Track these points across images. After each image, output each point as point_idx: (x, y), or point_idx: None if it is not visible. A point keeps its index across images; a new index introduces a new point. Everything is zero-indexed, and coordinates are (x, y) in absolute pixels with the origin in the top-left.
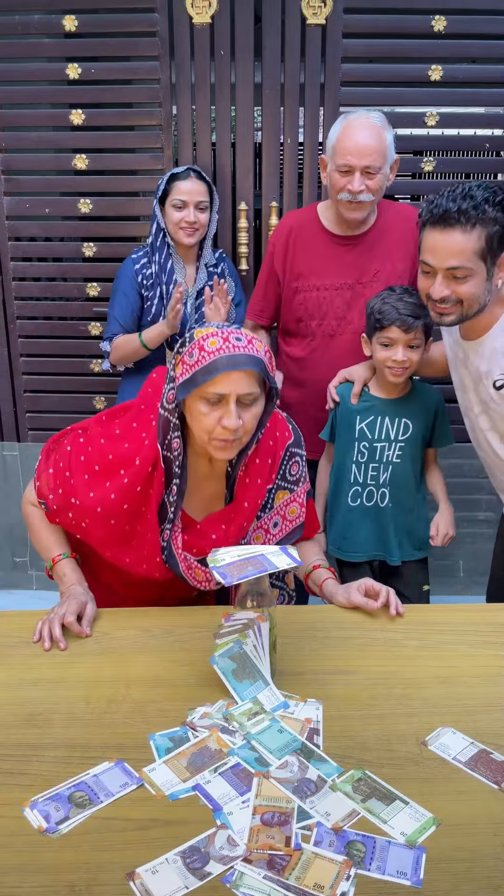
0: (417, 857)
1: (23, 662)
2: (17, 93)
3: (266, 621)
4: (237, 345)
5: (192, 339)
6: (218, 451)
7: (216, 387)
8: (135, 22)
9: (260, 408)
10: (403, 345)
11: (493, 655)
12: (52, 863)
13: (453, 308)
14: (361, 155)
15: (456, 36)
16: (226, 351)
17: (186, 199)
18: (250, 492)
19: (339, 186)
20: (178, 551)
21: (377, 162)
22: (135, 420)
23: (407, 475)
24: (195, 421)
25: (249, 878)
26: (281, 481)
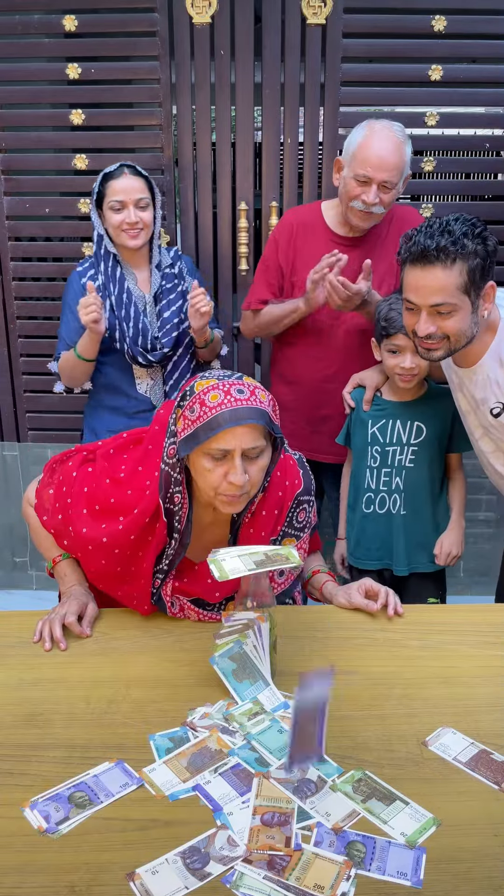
0: (417, 858)
1: (23, 662)
2: (17, 93)
3: (266, 621)
4: (239, 398)
5: (193, 393)
6: (225, 507)
7: (220, 443)
8: (135, 22)
9: (266, 459)
10: (411, 351)
11: (493, 655)
12: (52, 863)
13: (440, 343)
14: (382, 169)
15: (456, 36)
16: (228, 405)
17: (124, 198)
18: (256, 530)
19: (354, 195)
20: (167, 598)
21: (395, 178)
22: (140, 464)
23: (422, 481)
24: (200, 477)
25: (249, 878)
26: (287, 528)
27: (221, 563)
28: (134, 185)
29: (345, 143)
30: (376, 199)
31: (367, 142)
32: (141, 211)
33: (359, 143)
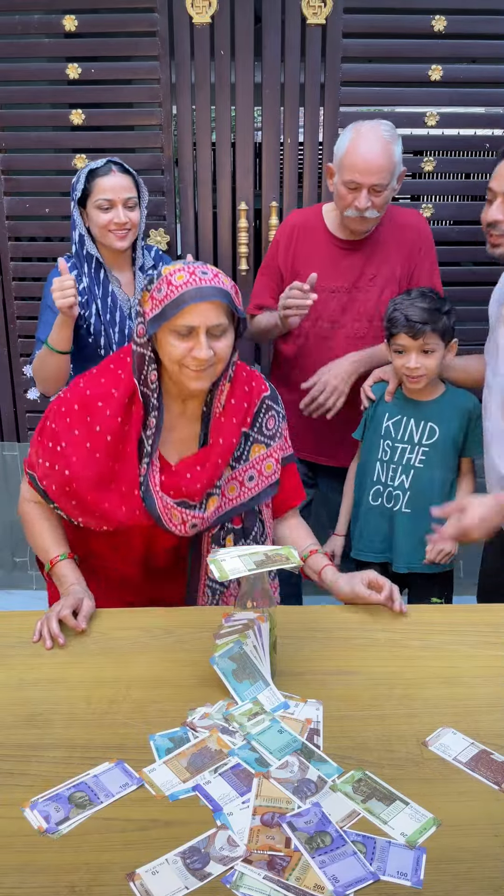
0: (418, 858)
1: (23, 662)
2: (17, 93)
3: (266, 621)
4: (203, 278)
5: (160, 276)
6: (192, 381)
7: (185, 319)
8: (135, 22)
9: (230, 339)
10: (416, 351)
11: (493, 655)
12: (52, 863)
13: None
14: (370, 173)
15: (456, 36)
16: (193, 284)
17: (112, 196)
18: (225, 430)
19: (346, 202)
20: (154, 489)
21: (385, 179)
22: (111, 362)
23: (430, 483)
24: (166, 354)
25: (249, 878)
26: (257, 434)
27: (221, 563)
28: (122, 184)
29: (334, 149)
30: (368, 203)
31: (353, 146)
32: (129, 211)
33: (346, 149)
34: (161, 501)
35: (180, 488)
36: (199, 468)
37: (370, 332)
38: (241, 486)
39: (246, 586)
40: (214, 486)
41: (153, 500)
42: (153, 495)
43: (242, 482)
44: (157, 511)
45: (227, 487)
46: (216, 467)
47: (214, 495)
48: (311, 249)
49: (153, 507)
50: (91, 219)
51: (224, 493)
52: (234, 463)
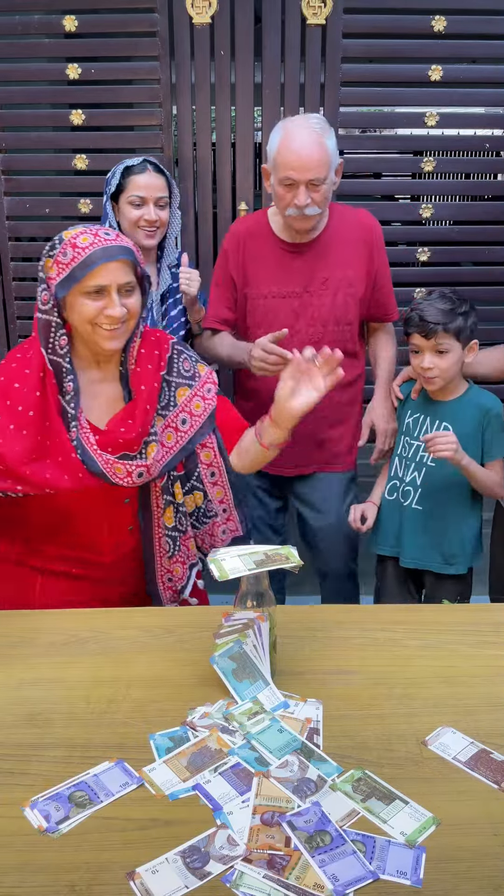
0: (417, 857)
1: (22, 662)
2: (17, 93)
3: (266, 621)
4: (107, 238)
5: (62, 241)
6: (106, 341)
7: (96, 279)
8: (135, 22)
9: (139, 295)
10: (429, 351)
11: (493, 655)
12: (52, 863)
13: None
14: (304, 169)
15: (456, 36)
16: (99, 244)
17: (145, 194)
18: (144, 377)
19: (286, 202)
20: (92, 449)
21: (321, 173)
22: (17, 351)
23: (442, 482)
24: (78, 316)
25: (249, 877)
26: (177, 377)
27: (221, 562)
28: (156, 183)
29: (266, 149)
30: (307, 200)
31: (284, 143)
32: (160, 210)
33: (277, 147)
34: (101, 458)
35: (117, 442)
36: (130, 421)
37: (325, 337)
38: (176, 432)
39: (246, 586)
40: (150, 434)
41: (93, 459)
42: (92, 455)
43: (177, 427)
44: (100, 468)
45: (164, 436)
46: (146, 413)
47: (152, 442)
48: (259, 255)
49: (95, 465)
50: (122, 214)
51: (163, 443)
52: (164, 411)
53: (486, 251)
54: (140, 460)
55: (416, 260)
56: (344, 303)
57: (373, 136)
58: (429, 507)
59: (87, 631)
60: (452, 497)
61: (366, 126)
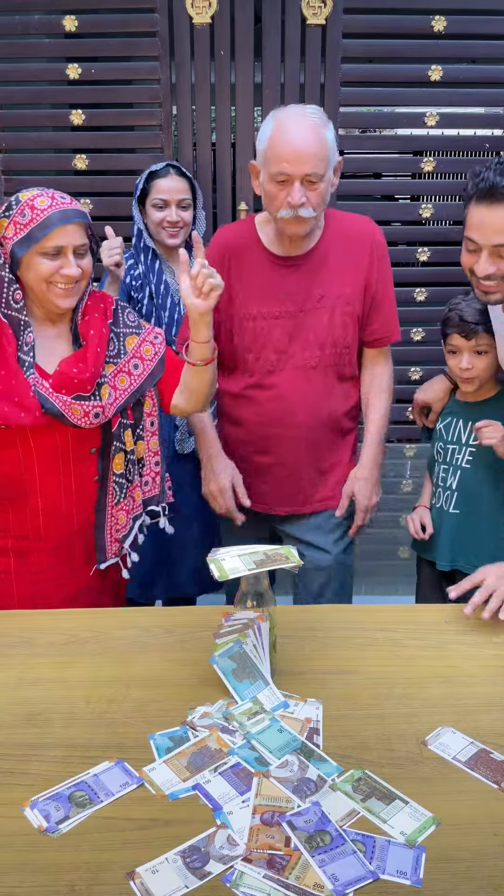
0: (417, 857)
1: (22, 662)
2: (17, 93)
3: (266, 621)
4: (64, 202)
5: (19, 202)
6: (60, 299)
7: (54, 240)
8: (135, 22)
9: (90, 257)
10: (468, 351)
11: (493, 655)
12: (52, 862)
13: (498, 286)
14: (300, 161)
15: (456, 36)
16: (57, 207)
17: (167, 197)
18: (92, 324)
19: (278, 201)
20: (48, 392)
21: (319, 168)
22: None
23: (478, 483)
24: (34, 275)
25: (249, 877)
26: (124, 327)
27: (221, 562)
28: (178, 186)
29: (255, 143)
30: (302, 198)
31: (277, 134)
32: (182, 211)
33: (269, 139)
34: (58, 399)
35: (71, 382)
36: (81, 364)
37: (322, 361)
38: (129, 376)
39: (246, 586)
40: (102, 375)
41: (50, 401)
42: (48, 397)
43: (129, 371)
44: (57, 409)
45: (118, 380)
46: (96, 356)
47: (105, 384)
48: (247, 271)
49: (53, 406)
50: (148, 216)
51: (115, 386)
52: (115, 359)
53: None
54: (94, 401)
55: (416, 260)
56: (342, 323)
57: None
58: (465, 511)
59: (87, 631)
60: (488, 498)
61: (366, 126)
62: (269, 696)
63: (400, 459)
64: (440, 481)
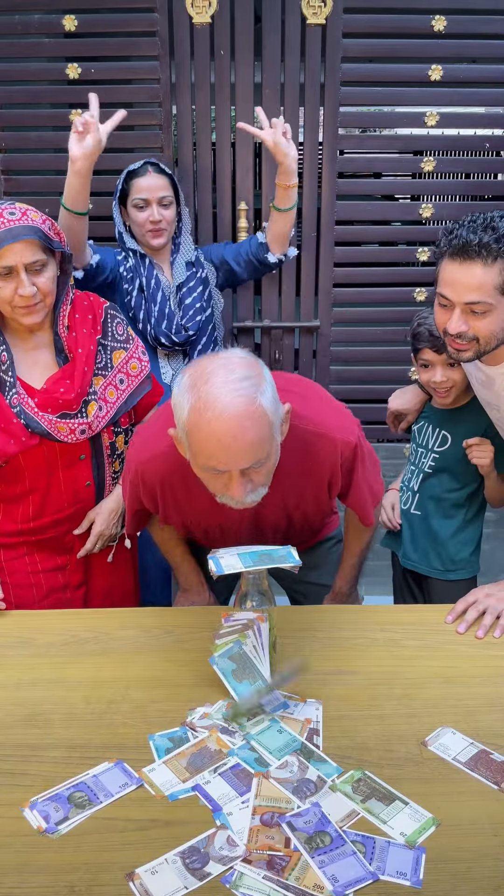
0: (417, 858)
1: (22, 662)
2: (17, 93)
3: (266, 621)
4: (11, 219)
5: None
6: (25, 318)
7: (2, 261)
8: (135, 22)
9: (52, 271)
10: (441, 365)
11: (493, 655)
12: (52, 863)
13: (469, 345)
14: (234, 461)
15: (456, 36)
16: (3, 226)
17: (147, 196)
18: (80, 341)
19: (213, 487)
20: (32, 411)
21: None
22: None
23: (437, 490)
24: None
25: (249, 878)
26: (112, 341)
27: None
28: (158, 183)
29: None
30: (248, 489)
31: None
32: (164, 209)
33: (189, 423)
34: (43, 419)
35: (57, 402)
36: (68, 382)
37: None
38: (116, 390)
39: (246, 586)
40: (89, 393)
41: (35, 420)
42: (34, 417)
43: (117, 386)
44: (43, 428)
45: (107, 393)
46: (84, 375)
47: (92, 401)
48: (188, 499)
49: (38, 426)
50: (130, 217)
51: (105, 399)
52: (103, 372)
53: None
54: (80, 418)
55: (416, 260)
56: (304, 517)
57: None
58: (424, 515)
59: (87, 631)
60: (446, 507)
61: (366, 126)
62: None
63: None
64: (406, 482)
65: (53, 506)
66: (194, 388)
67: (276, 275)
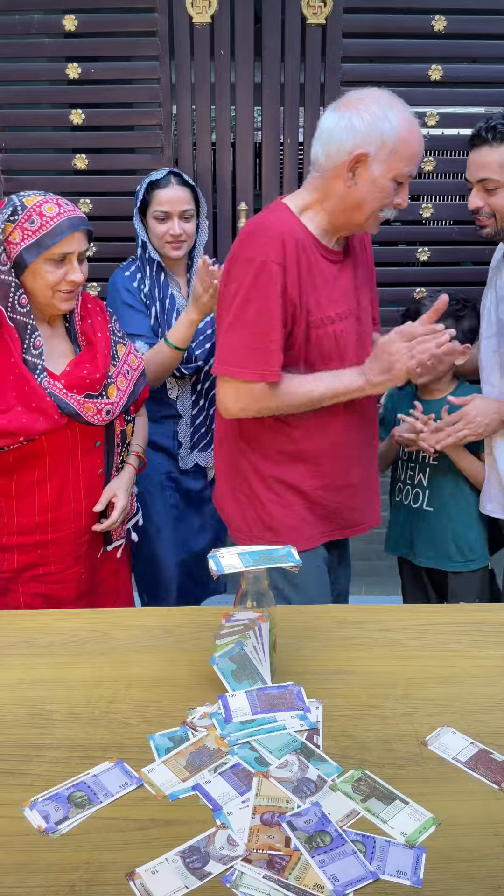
0: (417, 857)
1: (22, 662)
2: (17, 93)
3: (266, 622)
4: (68, 209)
5: (25, 208)
6: (62, 303)
7: (62, 247)
8: (135, 22)
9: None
10: None
11: (493, 655)
12: (52, 863)
13: (489, 220)
14: (416, 165)
15: (456, 36)
16: (65, 215)
17: (169, 209)
18: (97, 327)
19: (388, 200)
20: (61, 392)
21: None
22: None
23: (445, 478)
24: (39, 280)
25: (249, 877)
26: (114, 336)
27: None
28: (180, 196)
29: (366, 132)
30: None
31: (409, 132)
32: (185, 222)
33: (401, 136)
34: (72, 400)
35: (83, 382)
36: (88, 364)
37: None
38: (125, 378)
39: (246, 586)
40: (108, 377)
41: (65, 402)
42: (63, 398)
43: (125, 375)
44: (72, 408)
45: (118, 380)
46: (105, 357)
47: (111, 384)
48: (312, 270)
49: (68, 406)
50: (150, 229)
51: (118, 387)
52: (114, 361)
53: (486, 251)
54: (104, 399)
55: (416, 260)
56: (368, 322)
57: None
58: (437, 507)
59: (87, 631)
60: (453, 492)
61: None
62: None
63: None
64: (407, 479)
65: (70, 493)
66: (392, 108)
67: None
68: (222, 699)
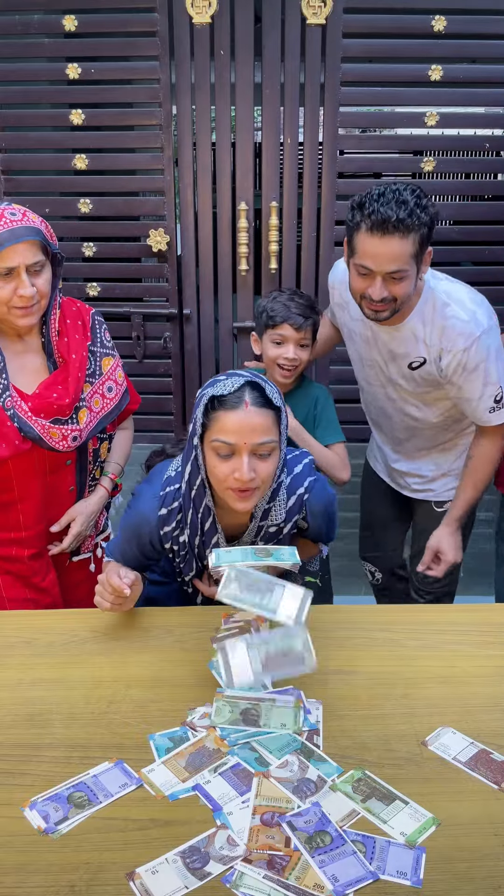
0: (417, 857)
1: (23, 663)
2: (17, 93)
3: (266, 622)
4: (13, 219)
5: None
6: (19, 319)
7: (4, 262)
8: (135, 22)
9: (49, 273)
10: (294, 343)
11: (493, 655)
12: (52, 863)
13: (388, 306)
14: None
15: (456, 36)
16: (6, 226)
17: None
18: (72, 347)
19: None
20: (26, 415)
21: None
22: None
23: None
24: None
25: (249, 878)
26: (101, 348)
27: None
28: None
29: None
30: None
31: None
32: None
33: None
34: (37, 424)
35: (51, 407)
36: (60, 387)
37: None
38: (103, 398)
39: None
40: (80, 400)
41: (29, 425)
42: (27, 421)
43: (103, 394)
44: (36, 433)
45: (93, 401)
46: (77, 381)
47: (83, 408)
48: None
49: (31, 431)
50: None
51: (91, 408)
52: (91, 379)
53: (486, 251)
54: (72, 424)
55: None
56: None
57: (373, 136)
58: None
59: (87, 631)
60: None
61: (366, 126)
62: None
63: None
64: None
65: (45, 512)
66: None
67: (276, 275)
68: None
